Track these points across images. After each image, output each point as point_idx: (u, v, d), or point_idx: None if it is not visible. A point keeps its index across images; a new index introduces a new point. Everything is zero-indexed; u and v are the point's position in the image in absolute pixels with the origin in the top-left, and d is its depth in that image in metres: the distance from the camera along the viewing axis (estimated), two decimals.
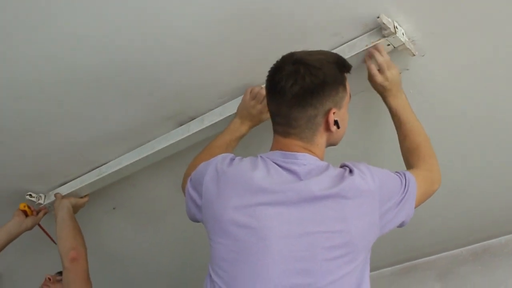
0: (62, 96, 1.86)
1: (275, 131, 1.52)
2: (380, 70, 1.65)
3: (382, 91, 1.69)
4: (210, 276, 1.42)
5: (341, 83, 1.48)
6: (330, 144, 1.53)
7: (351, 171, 1.40)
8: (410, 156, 1.63)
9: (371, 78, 1.68)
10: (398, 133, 1.68)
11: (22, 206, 2.35)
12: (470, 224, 2.42)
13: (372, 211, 1.37)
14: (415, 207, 1.48)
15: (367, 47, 1.66)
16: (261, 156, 1.49)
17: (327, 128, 1.46)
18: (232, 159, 1.51)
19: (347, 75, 1.52)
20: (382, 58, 1.64)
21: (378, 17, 1.57)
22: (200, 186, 1.49)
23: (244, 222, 1.37)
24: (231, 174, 1.44)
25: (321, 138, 1.48)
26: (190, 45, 1.70)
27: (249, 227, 1.37)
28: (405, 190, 1.45)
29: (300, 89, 1.42)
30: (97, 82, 1.81)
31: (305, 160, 1.43)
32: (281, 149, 1.48)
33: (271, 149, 1.51)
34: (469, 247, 2.59)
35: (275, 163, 1.45)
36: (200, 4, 1.55)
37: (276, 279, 1.32)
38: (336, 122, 1.46)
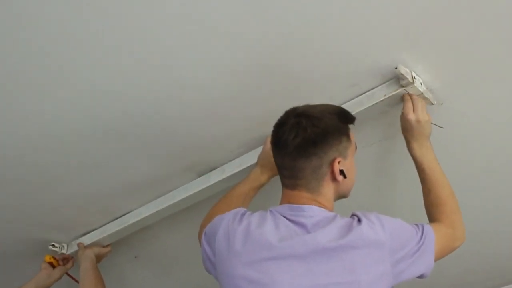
0: (82, 148, 1.88)
1: (283, 184, 1.53)
2: (414, 109, 1.64)
3: (409, 135, 1.66)
4: None
5: (344, 133, 1.49)
6: (339, 195, 1.53)
7: (359, 220, 1.39)
8: (433, 211, 1.61)
9: (403, 116, 1.66)
10: (422, 185, 1.65)
11: (47, 258, 2.36)
12: (484, 269, 2.39)
13: (382, 260, 1.35)
14: (434, 261, 1.46)
15: (385, 97, 1.66)
16: (270, 210, 1.50)
17: (333, 178, 1.47)
18: (243, 215, 1.52)
19: (355, 126, 1.53)
20: (420, 101, 1.64)
21: (396, 68, 1.58)
22: (213, 243, 1.51)
23: (253, 278, 1.37)
24: (240, 231, 1.45)
25: (328, 188, 1.48)
26: (207, 97, 1.71)
27: (260, 282, 1.36)
28: (421, 242, 1.43)
29: (302, 140, 1.44)
30: (115, 134, 1.83)
31: (311, 212, 1.43)
32: (289, 202, 1.48)
33: (280, 203, 1.52)
34: None
35: (284, 217, 1.45)
36: (217, 56, 1.57)
37: None
38: (342, 172, 1.46)
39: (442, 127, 1.72)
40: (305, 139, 1.44)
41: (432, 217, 1.60)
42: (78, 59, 1.54)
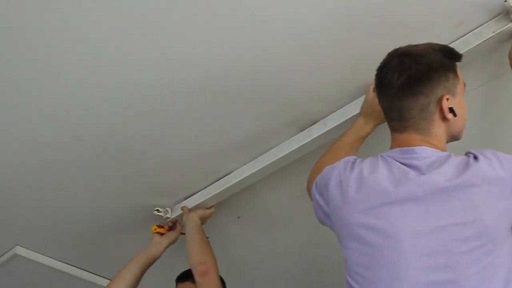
0: (183, 107, 1.90)
1: (391, 129, 1.50)
2: None
3: None
4: (348, 281, 1.41)
5: (451, 69, 1.44)
6: (451, 136, 1.48)
7: (475, 158, 1.35)
8: None
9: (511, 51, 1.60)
10: None
11: (153, 229, 2.42)
12: None
13: (504, 197, 1.30)
14: None
15: (494, 34, 1.59)
16: (381, 156, 1.47)
17: (443, 117, 1.43)
18: (354, 163, 1.51)
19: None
20: None
21: (506, 1, 1.51)
22: (326, 193, 1.50)
23: (372, 224, 1.36)
24: (353, 179, 1.44)
25: (439, 128, 1.44)
26: (307, 47, 1.69)
27: (378, 228, 1.35)
28: None
29: (407, 79, 1.41)
30: (217, 94, 1.84)
31: (424, 153, 1.40)
32: (399, 146, 1.45)
33: (391, 147, 1.49)
34: None
35: (396, 161, 1.42)
36: (316, 2, 1.55)
37: (413, 279, 1.29)
38: (451, 110, 1.41)
39: None
40: (410, 77, 1.42)
41: None
42: (183, 21, 1.55)
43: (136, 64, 1.70)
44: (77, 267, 2.90)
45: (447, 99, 1.41)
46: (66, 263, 2.87)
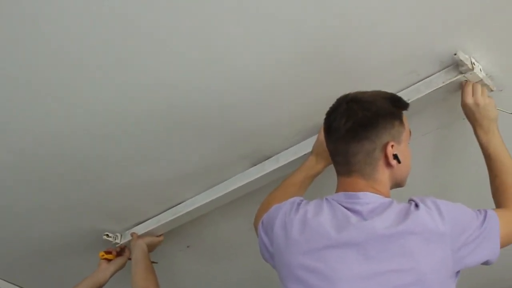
0: (139, 138, 1.91)
1: (338, 173, 1.53)
2: (473, 93, 1.62)
3: (473, 121, 1.64)
4: None
5: (397, 117, 1.48)
6: (395, 182, 1.51)
7: (416, 206, 1.37)
8: (498, 197, 1.57)
9: (462, 101, 1.64)
10: (488, 172, 1.62)
11: (100, 255, 2.38)
12: None
13: (441, 247, 1.33)
14: (500, 247, 1.42)
15: (443, 84, 1.64)
16: (326, 199, 1.49)
17: (388, 163, 1.46)
18: (299, 204, 1.52)
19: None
20: (479, 85, 1.63)
21: (455, 54, 1.56)
22: (271, 232, 1.52)
23: (312, 267, 1.37)
24: (297, 220, 1.45)
25: (383, 174, 1.47)
26: (263, 86, 1.73)
27: (318, 271, 1.36)
28: (484, 227, 1.40)
29: (354, 124, 1.44)
30: (173, 124, 1.85)
31: (367, 199, 1.42)
32: (344, 190, 1.48)
33: (336, 191, 1.51)
34: None
35: (340, 204, 1.44)
36: (274, 43, 1.58)
37: None
38: (396, 156, 1.45)
39: (511, 113, 1.69)
40: (356, 123, 1.45)
41: (498, 204, 1.57)
42: (141, 48, 1.57)
43: (94, 88, 1.70)
44: None
45: (392, 146, 1.45)
46: (15, 284, 2.82)
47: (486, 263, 1.42)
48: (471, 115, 1.64)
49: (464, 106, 1.63)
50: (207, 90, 1.73)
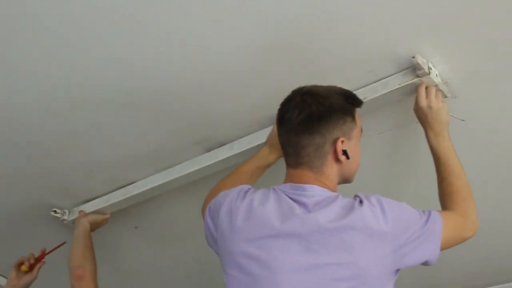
0: (95, 115, 1.90)
1: (287, 164, 1.54)
2: (426, 96, 1.65)
3: (425, 124, 1.67)
4: None
5: (349, 113, 1.50)
6: (343, 177, 1.53)
7: (361, 202, 1.40)
8: (445, 199, 1.59)
9: (415, 104, 1.67)
10: (437, 174, 1.64)
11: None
12: (493, 264, 2.40)
13: (382, 245, 1.35)
14: (441, 249, 1.45)
15: (400, 86, 1.67)
16: (273, 188, 1.51)
17: (336, 158, 1.47)
18: (246, 192, 1.53)
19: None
20: (434, 89, 1.65)
21: (413, 57, 1.58)
22: (217, 218, 1.52)
23: (254, 255, 1.39)
24: (242, 208, 1.47)
25: (332, 169, 1.49)
26: (222, 73, 1.73)
27: (259, 259, 1.38)
28: (426, 227, 1.42)
29: (306, 117, 1.46)
30: (129, 105, 1.85)
31: (313, 192, 1.44)
32: (291, 181, 1.49)
33: (284, 182, 1.53)
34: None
35: (286, 195, 1.46)
36: (234, 33, 1.59)
37: None
38: (345, 152, 1.46)
39: (463, 120, 1.73)
40: (309, 116, 1.46)
41: (444, 206, 1.59)
42: (98, 27, 1.56)
43: (49, 63, 1.69)
44: None
45: (342, 141, 1.46)
46: None
47: (425, 263, 1.45)
48: (423, 118, 1.66)
49: (418, 108, 1.66)
50: (165, 73, 1.73)
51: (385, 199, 1.41)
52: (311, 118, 1.46)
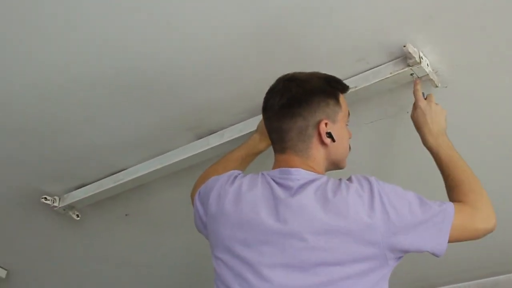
0: (85, 100, 1.90)
1: (274, 150, 1.55)
2: (426, 98, 1.66)
3: (422, 125, 1.63)
4: None
5: (332, 96, 1.50)
6: (332, 162, 1.52)
7: (349, 180, 1.39)
8: (453, 193, 1.51)
9: (414, 104, 1.67)
10: (442, 174, 1.57)
11: None
12: (480, 257, 2.40)
13: (368, 233, 1.31)
14: (452, 241, 1.37)
15: (391, 75, 1.67)
16: (262, 173, 1.51)
17: (322, 141, 1.47)
18: (236, 177, 1.54)
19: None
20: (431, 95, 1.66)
21: (405, 46, 1.59)
22: (206, 203, 1.53)
23: (242, 238, 1.40)
24: (231, 192, 1.47)
25: (318, 152, 1.48)
26: (214, 59, 1.74)
27: (247, 243, 1.39)
28: (431, 214, 1.35)
29: (287, 100, 1.47)
30: (120, 90, 1.85)
31: (298, 175, 1.44)
32: (279, 166, 1.49)
33: (273, 168, 1.53)
34: (478, 281, 2.56)
35: (273, 180, 1.46)
36: (226, 19, 1.59)
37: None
38: (330, 135, 1.46)
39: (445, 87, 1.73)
40: (289, 100, 1.47)
41: (452, 200, 1.48)
42: (90, 10, 1.55)
43: (40, 47, 1.69)
44: None
45: (326, 124, 1.46)
46: None
47: (433, 254, 1.39)
48: (422, 120, 1.63)
49: (416, 108, 1.65)
50: (156, 59, 1.73)
51: (381, 182, 1.38)
52: (292, 102, 1.47)
